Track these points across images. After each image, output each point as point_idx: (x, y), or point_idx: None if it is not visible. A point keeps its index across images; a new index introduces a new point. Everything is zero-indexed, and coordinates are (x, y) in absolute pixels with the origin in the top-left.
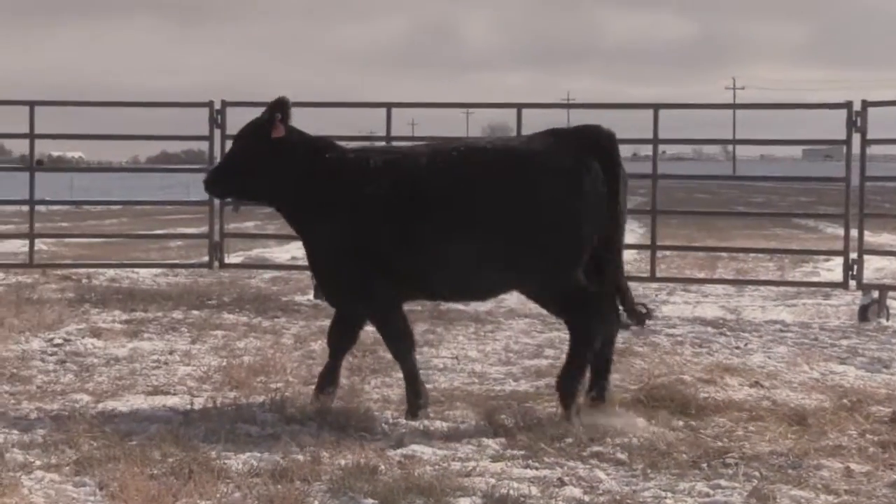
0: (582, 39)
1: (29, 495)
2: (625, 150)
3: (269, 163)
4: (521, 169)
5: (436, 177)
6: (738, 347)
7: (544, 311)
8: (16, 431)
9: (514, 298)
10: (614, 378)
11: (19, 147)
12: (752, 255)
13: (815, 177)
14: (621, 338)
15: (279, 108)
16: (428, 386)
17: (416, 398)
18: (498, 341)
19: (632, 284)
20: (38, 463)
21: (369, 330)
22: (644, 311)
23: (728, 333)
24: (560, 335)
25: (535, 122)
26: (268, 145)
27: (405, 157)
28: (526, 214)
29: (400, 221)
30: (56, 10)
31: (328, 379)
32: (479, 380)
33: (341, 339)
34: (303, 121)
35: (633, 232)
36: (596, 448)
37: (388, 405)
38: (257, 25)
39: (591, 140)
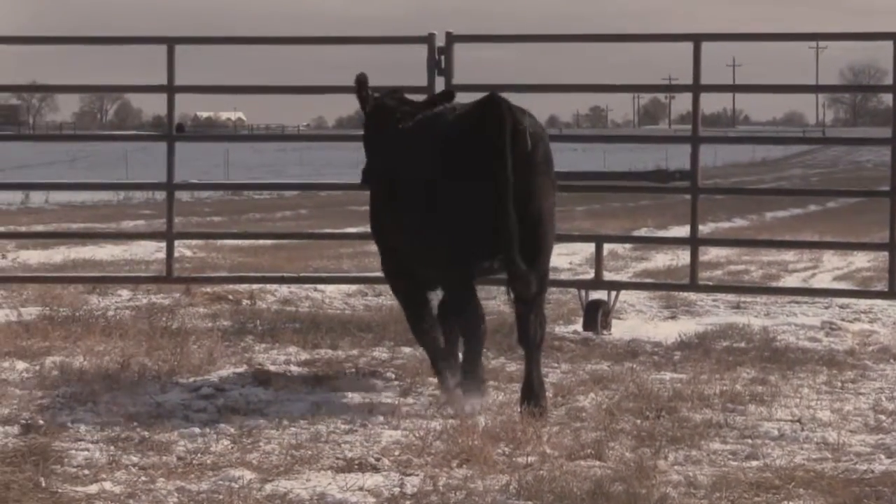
0: None
1: None
2: None
3: None
4: None
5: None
6: None
7: None
8: None
9: (887, 332)
10: None
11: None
12: None
13: None
14: None
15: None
16: (757, 463)
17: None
18: (863, 396)
19: None
20: None
21: (663, 379)
22: None
23: None
24: None
25: None
26: None
27: None
28: None
29: None
30: None
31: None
32: (833, 454)
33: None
34: (565, 62)
35: None
36: None
37: (696, 491)
38: None
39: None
